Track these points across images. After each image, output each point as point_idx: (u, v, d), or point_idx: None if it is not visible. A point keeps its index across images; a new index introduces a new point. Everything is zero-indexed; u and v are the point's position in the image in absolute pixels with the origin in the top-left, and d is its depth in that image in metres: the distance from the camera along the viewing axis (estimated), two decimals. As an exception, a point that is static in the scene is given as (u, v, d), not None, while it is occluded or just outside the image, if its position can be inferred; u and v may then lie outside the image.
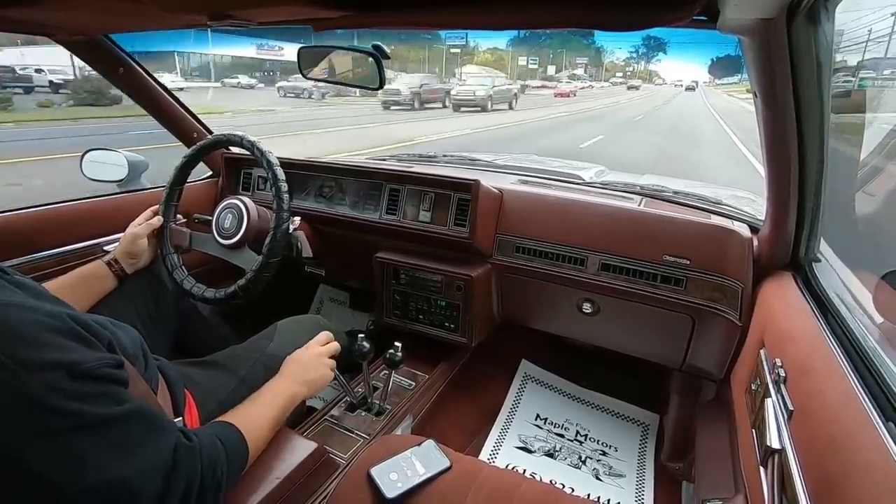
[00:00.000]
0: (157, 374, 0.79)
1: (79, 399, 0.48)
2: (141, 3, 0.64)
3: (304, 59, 1.08)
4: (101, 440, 0.50)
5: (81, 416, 0.48)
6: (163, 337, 1.07)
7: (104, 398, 0.51)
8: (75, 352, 0.50)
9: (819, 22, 0.62)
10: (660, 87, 59.74)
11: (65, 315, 0.52)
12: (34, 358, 0.46)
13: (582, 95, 31.09)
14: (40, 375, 0.46)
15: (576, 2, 0.53)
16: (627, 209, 1.17)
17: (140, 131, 7.72)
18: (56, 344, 0.49)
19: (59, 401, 0.46)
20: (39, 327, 0.49)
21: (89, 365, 0.50)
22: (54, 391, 0.46)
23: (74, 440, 0.48)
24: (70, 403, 0.47)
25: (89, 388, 0.50)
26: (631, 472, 1.27)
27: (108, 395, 0.52)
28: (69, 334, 0.51)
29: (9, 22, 0.93)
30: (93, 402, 0.49)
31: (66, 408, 0.47)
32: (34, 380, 0.46)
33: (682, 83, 58.56)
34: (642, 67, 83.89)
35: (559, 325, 1.34)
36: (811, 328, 0.72)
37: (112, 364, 0.53)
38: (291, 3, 0.66)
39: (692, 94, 39.51)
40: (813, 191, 0.82)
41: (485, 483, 0.74)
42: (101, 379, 0.51)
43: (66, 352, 0.49)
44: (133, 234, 1.06)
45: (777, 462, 0.59)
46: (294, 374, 0.89)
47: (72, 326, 0.51)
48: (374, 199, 1.32)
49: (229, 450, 0.65)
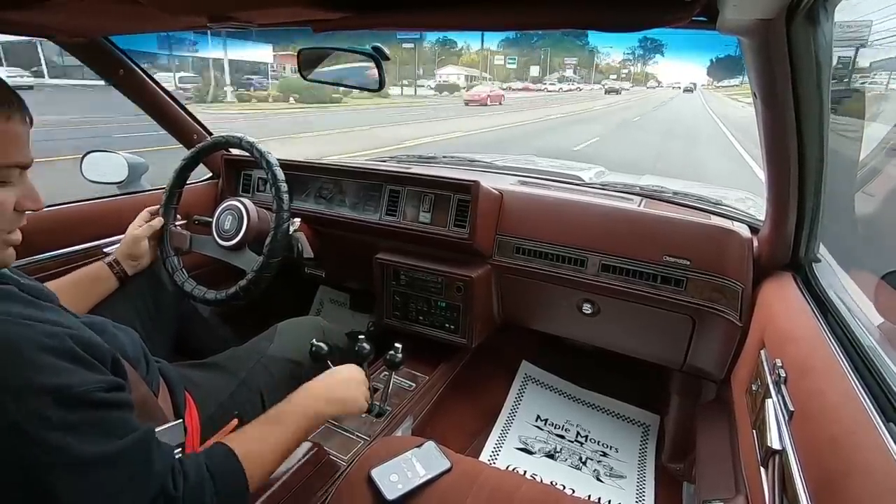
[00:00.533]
0: (158, 376, 0.79)
1: (63, 429, 0.46)
2: (141, 5, 0.64)
3: (304, 61, 1.08)
4: (78, 483, 0.47)
5: (61, 453, 0.46)
6: (163, 338, 1.08)
7: (92, 430, 0.48)
8: (70, 374, 0.48)
9: (818, 22, 0.62)
10: (652, 91, 55.75)
11: (64, 335, 0.50)
12: (21, 381, 0.45)
13: (555, 99, 28.10)
14: (25, 401, 0.45)
15: (575, 2, 0.53)
16: (627, 210, 1.17)
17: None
18: (49, 366, 0.47)
19: (41, 431, 0.45)
20: (35, 347, 0.47)
21: (83, 389, 0.48)
22: (38, 419, 0.45)
23: (50, 478, 0.45)
24: (52, 434, 0.45)
25: (77, 417, 0.48)
26: (631, 473, 1.27)
27: (98, 427, 0.49)
28: (65, 355, 0.49)
29: (9, 24, 0.93)
30: (78, 435, 0.47)
31: (47, 440, 0.45)
32: (18, 406, 0.44)
33: (680, 85, 57.20)
34: (639, 69, 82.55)
35: (559, 326, 1.34)
36: (811, 328, 0.72)
37: (107, 387, 0.51)
38: (291, 4, 0.66)
39: (690, 97, 37.98)
40: (813, 191, 0.82)
41: (485, 484, 0.74)
42: (94, 405, 0.49)
43: (58, 375, 0.47)
44: (134, 235, 1.06)
45: (778, 462, 0.59)
46: (321, 391, 0.79)
47: (69, 347, 0.50)
48: (374, 201, 1.32)
49: (220, 488, 0.57)
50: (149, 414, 0.67)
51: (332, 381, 0.82)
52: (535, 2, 0.56)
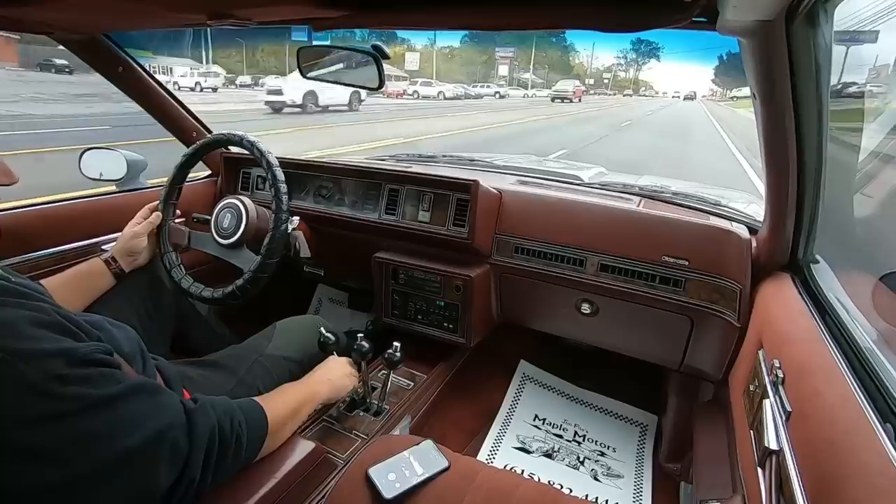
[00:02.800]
0: (155, 373, 0.78)
1: (79, 383, 0.49)
2: (140, 2, 0.64)
3: (303, 59, 1.08)
4: (111, 416, 0.50)
5: (85, 398, 0.49)
6: (161, 336, 1.07)
7: (104, 379, 0.52)
8: (67, 342, 0.51)
9: (818, 24, 0.62)
10: (631, 99, 43.12)
11: (52, 311, 0.53)
12: (28, 348, 0.47)
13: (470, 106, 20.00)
14: (37, 364, 0.47)
15: (575, 3, 0.53)
16: (626, 210, 1.17)
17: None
18: (47, 336, 0.50)
19: (60, 387, 0.47)
20: (29, 322, 0.49)
21: (84, 350, 0.51)
22: (53, 379, 0.47)
23: (83, 420, 0.48)
24: (71, 388, 0.48)
25: (89, 372, 0.50)
26: (629, 473, 1.27)
27: (108, 377, 0.52)
28: (57, 328, 0.52)
29: (9, 20, 0.93)
30: (94, 385, 0.50)
31: (67, 393, 0.47)
32: (32, 369, 0.46)
33: (671, 94, 49.33)
34: (630, 74, 75.70)
35: (558, 326, 1.34)
36: (809, 329, 0.72)
37: (103, 350, 0.54)
38: (291, 2, 0.66)
39: (691, 104, 33.21)
40: (812, 192, 0.82)
41: (483, 483, 0.74)
42: (99, 363, 0.52)
43: (58, 342, 0.50)
44: (132, 232, 1.06)
45: (775, 463, 0.59)
46: (316, 374, 0.93)
47: (58, 320, 0.52)
48: (373, 199, 1.32)
49: (245, 409, 0.66)
50: None
51: (330, 367, 0.97)
52: (536, 2, 0.56)
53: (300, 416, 0.80)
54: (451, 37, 49.83)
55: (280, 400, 0.77)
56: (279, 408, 0.75)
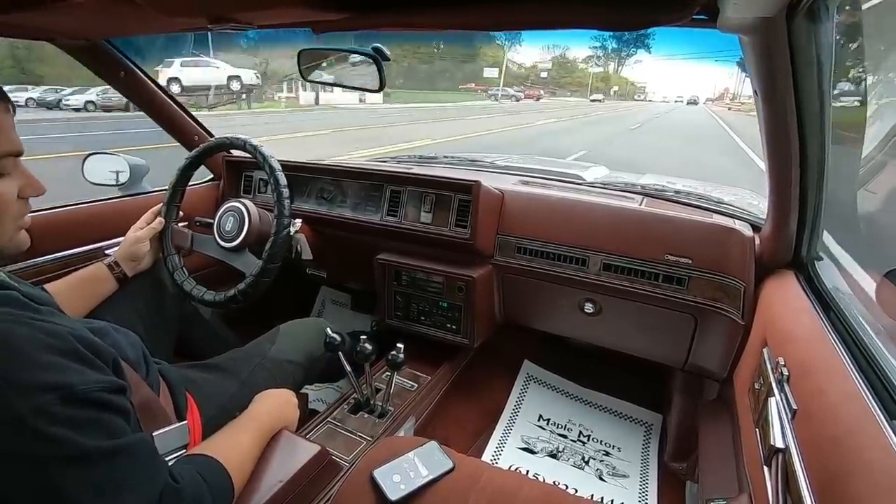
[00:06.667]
0: (159, 378, 0.79)
1: (67, 425, 0.46)
2: (141, 7, 0.64)
3: (304, 61, 1.08)
4: (84, 476, 0.47)
5: (67, 445, 0.46)
6: (164, 340, 1.08)
7: (95, 427, 0.49)
8: (73, 373, 0.49)
9: (819, 20, 0.62)
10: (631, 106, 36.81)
11: (67, 334, 0.50)
12: (27, 378, 0.45)
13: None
14: (30, 397, 0.45)
15: (575, 2, 0.53)
16: (629, 209, 1.17)
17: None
18: (53, 364, 0.47)
19: (46, 426, 0.45)
20: (39, 346, 0.47)
21: (86, 388, 0.48)
22: (42, 415, 0.45)
23: (55, 471, 0.45)
24: (56, 429, 0.45)
25: (82, 414, 0.48)
26: (634, 473, 1.27)
27: (101, 425, 0.49)
28: (70, 354, 0.49)
29: (11, 26, 0.94)
30: (82, 431, 0.47)
31: (51, 434, 0.45)
32: (23, 401, 0.44)
33: (674, 99, 47.23)
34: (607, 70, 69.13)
35: (561, 326, 1.34)
36: (814, 327, 0.71)
37: (111, 388, 0.52)
38: (292, 5, 0.66)
39: (692, 109, 31.20)
40: (814, 189, 0.81)
41: (488, 484, 0.74)
42: (97, 405, 0.50)
43: (62, 373, 0.48)
44: (135, 236, 1.06)
45: (781, 461, 0.59)
46: (271, 407, 0.85)
47: (73, 346, 0.50)
48: (375, 201, 1.32)
49: (213, 489, 0.60)
50: (152, 416, 0.67)
51: (277, 401, 0.87)
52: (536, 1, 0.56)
53: (256, 458, 0.74)
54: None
55: (237, 454, 0.69)
56: (243, 461, 0.70)
